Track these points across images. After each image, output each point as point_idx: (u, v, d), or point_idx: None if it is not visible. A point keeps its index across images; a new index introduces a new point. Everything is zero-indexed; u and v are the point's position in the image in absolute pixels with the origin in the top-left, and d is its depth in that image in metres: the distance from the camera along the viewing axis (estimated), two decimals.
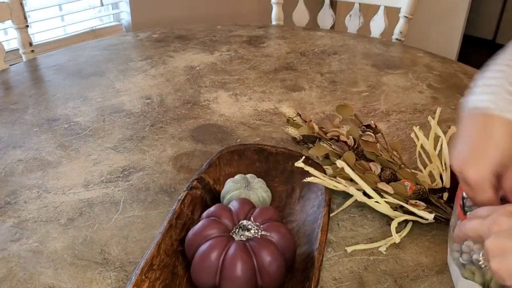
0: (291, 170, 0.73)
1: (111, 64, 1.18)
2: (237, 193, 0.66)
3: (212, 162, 0.72)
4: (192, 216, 0.64)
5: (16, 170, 0.79)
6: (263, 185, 0.68)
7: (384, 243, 0.64)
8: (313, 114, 0.97)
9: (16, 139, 0.87)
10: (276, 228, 0.57)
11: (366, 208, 0.70)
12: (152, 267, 0.54)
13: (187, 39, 1.36)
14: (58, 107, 0.98)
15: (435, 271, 0.60)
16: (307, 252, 0.59)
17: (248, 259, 0.53)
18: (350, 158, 0.69)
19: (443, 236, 0.66)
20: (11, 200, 0.72)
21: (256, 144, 0.76)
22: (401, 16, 1.43)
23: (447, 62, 1.22)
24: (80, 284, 0.58)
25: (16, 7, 1.20)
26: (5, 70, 1.16)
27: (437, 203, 0.67)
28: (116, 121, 0.93)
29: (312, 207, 0.67)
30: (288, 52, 1.28)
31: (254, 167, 0.74)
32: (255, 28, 1.46)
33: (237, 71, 1.16)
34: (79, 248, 0.63)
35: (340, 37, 1.39)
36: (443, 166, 0.72)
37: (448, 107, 0.99)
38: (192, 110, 0.98)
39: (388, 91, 1.07)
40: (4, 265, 0.61)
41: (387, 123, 0.93)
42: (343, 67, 1.18)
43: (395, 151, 0.74)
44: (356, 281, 0.59)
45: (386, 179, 0.69)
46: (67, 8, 1.73)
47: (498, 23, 3.31)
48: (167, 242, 0.58)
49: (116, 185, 0.75)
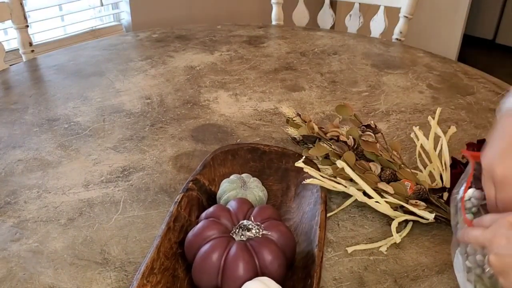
0: (285, 168, 0.73)
1: (111, 64, 1.18)
2: (233, 193, 0.66)
3: (206, 163, 0.72)
4: (190, 218, 0.63)
5: (16, 170, 0.79)
6: (259, 184, 0.68)
7: (385, 243, 0.64)
8: (313, 114, 0.97)
9: (16, 139, 0.87)
10: (276, 226, 0.57)
11: (366, 208, 0.70)
12: (153, 271, 0.54)
13: (187, 39, 1.36)
14: (58, 107, 0.98)
15: (435, 271, 0.60)
16: (306, 249, 0.59)
17: (250, 259, 0.53)
18: (350, 158, 0.69)
19: (443, 236, 0.66)
20: (11, 200, 0.72)
21: (249, 143, 0.76)
22: (401, 16, 1.43)
23: (447, 62, 1.22)
24: (80, 284, 0.58)
25: (16, 7, 1.20)
26: (5, 70, 1.16)
27: (437, 203, 0.67)
28: (116, 121, 0.93)
29: (309, 204, 0.67)
30: (288, 52, 1.28)
31: (248, 166, 0.75)
32: (255, 28, 1.46)
33: (237, 71, 1.16)
34: (79, 248, 0.63)
35: (340, 37, 1.39)
36: (443, 166, 0.72)
37: (448, 107, 0.99)
38: (192, 110, 0.98)
39: (388, 91, 1.07)
40: (4, 265, 0.61)
41: (387, 123, 0.93)
42: (343, 67, 1.18)
43: (395, 151, 0.74)
44: (356, 281, 0.59)
45: (386, 179, 0.69)
46: (67, 8, 1.73)
47: (498, 23, 3.31)
48: (166, 245, 0.58)
49: (116, 185, 0.75)
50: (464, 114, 0.97)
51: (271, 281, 0.51)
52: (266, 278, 0.52)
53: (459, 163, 0.71)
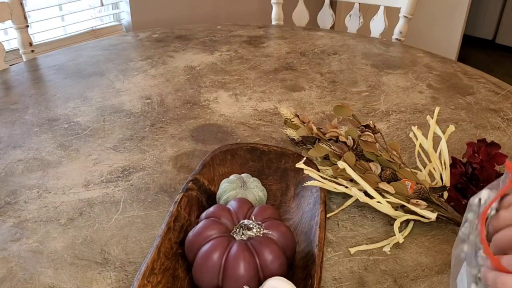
0: (284, 168, 0.73)
1: (111, 64, 1.18)
2: (233, 193, 0.66)
3: (206, 162, 0.72)
4: (189, 218, 0.64)
5: (16, 170, 0.79)
6: (259, 184, 0.68)
7: (387, 243, 0.64)
8: (313, 114, 0.97)
9: (16, 139, 0.87)
10: (276, 226, 0.57)
11: (366, 208, 0.70)
12: (153, 271, 0.54)
13: (187, 39, 1.36)
14: (58, 107, 0.98)
15: (435, 271, 0.60)
16: (306, 249, 0.59)
17: (251, 258, 0.53)
18: (350, 158, 0.69)
19: (443, 236, 0.66)
20: (11, 200, 0.72)
21: (248, 143, 0.76)
22: (401, 16, 1.43)
23: (447, 62, 1.22)
24: (80, 284, 0.58)
25: (16, 7, 1.20)
26: (5, 70, 1.16)
27: (438, 202, 0.67)
28: (116, 121, 0.93)
29: (308, 204, 0.67)
30: (288, 52, 1.28)
31: (247, 166, 0.75)
32: (255, 28, 1.46)
33: (237, 71, 1.16)
34: (79, 248, 0.63)
35: (340, 37, 1.39)
36: (443, 165, 0.72)
37: (448, 107, 0.99)
38: (192, 110, 0.98)
39: (388, 91, 1.07)
40: (4, 265, 0.61)
41: (387, 123, 0.93)
42: (343, 67, 1.18)
43: (394, 150, 0.74)
44: (356, 281, 0.59)
45: (387, 179, 0.69)
46: (67, 8, 1.73)
47: (498, 23, 3.31)
48: (166, 245, 0.58)
49: (116, 185, 0.75)
50: (464, 114, 0.97)
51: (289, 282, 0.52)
52: (283, 278, 0.52)
53: (458, 162, 0.72)
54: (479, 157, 0.71)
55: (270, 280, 0.52)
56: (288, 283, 0.51)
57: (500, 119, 0.95)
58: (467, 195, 0.69)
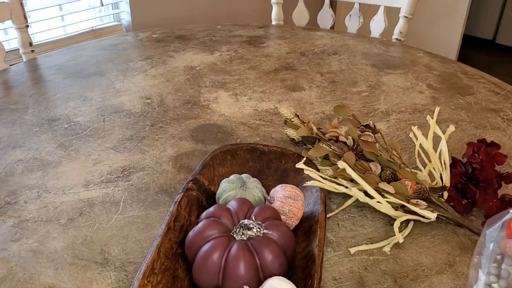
0: (284, 168, 0.73)
1: (111, 64, 1.18)
2: (233, 193, 0.66)
3: (206, 162, 0.72)
4: (189, 218, 0.64)
5: (16, 170, 0.79)
6: (259, 184, 0.68)
7: (387, 243, 0.64)
8: (313, 114, 0.97)
9: (16, 139, 0.87)
10: (276, 226, 0.57)
11: (366, 208, 0.70)
12: (153, 271, 0.54)
13: (187, 39, 1.36)
14: (58, 107, 0.98)
15: (435, 271, 0.60)
16: (306, 249, 0.59)
17: (251, 258, 0.53)
18: (351, 158, 0.69)
19: (443, 236, 0.66)
20: (11, 200, 0.72)
21: (248, 143, 0.76)
22: (401, 16, 1.43)
23: (447, 62, 1.22)
24: (80, 284, 0.58)
25: (16, 7, 1.20)
26: (5, 70, 1.16)
27: (438, 202, 0.67)
28: (116, 121, 0.93)
29: (308, 204, 0.67)
30: (288, 52, 1.28)
31: (247, 166, 0.75)
32: (255, 28, 1.46)
33: (237, 71, 1.16)
34: (79, 248, 0.63)
35: (340, 37, 1.39)
36: (443, 165, 0.72)
37: (448, 107, 0.99)
38: (192, 110, 0.98)
39: (388, 91, 1.07)
40: (4, 265, 0.61)
41: (387, 123, 0.93)
42: (343, 67, 1.18)
43: (394, 150, 0.74)
44: (356, 281, 0.59)
45: (387, 179, 0.69)
46: (67, 8, 1.73)
47: (498, 23, 3.31)
48: (166, 245, 0.58)
49: (116, 185, 0.75)
50: (464, 114, 0.97)
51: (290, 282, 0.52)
52: (283, 278, 0.52)
53: (458, 162, 0.72)
54: (479, 157, 0.71)
55: (270, 280, 0.52)
56: (288, 283, 0.51)
57: (500, 119, 0.95)
58: (467, 195, 0.69)
